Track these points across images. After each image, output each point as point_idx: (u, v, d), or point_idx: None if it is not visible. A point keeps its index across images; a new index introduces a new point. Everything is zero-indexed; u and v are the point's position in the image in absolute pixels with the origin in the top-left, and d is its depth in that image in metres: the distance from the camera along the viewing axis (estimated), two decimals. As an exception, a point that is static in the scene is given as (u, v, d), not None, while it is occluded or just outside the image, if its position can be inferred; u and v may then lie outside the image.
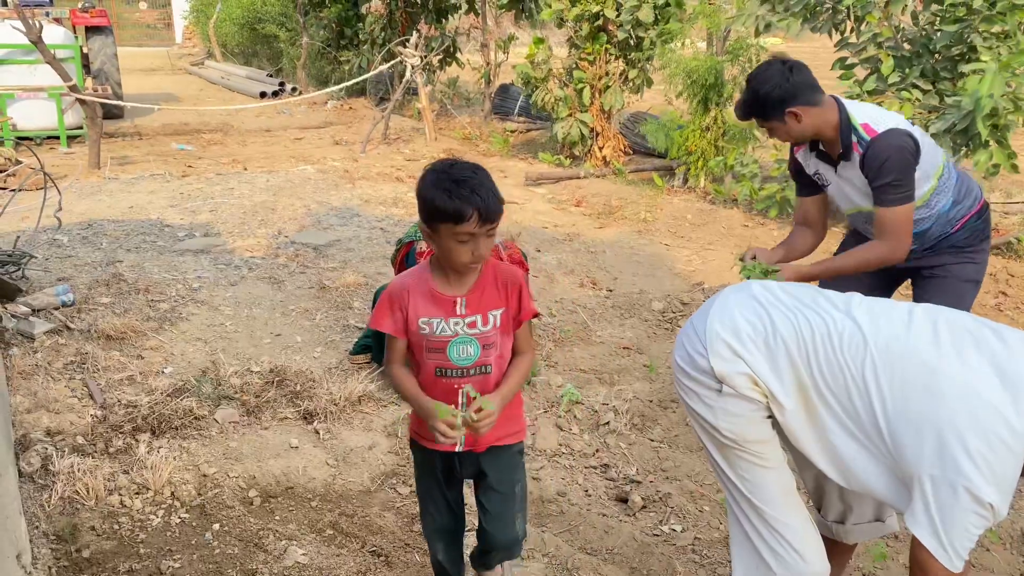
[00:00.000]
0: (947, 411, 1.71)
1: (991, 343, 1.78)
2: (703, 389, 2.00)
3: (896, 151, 2.69)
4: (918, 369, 1.77)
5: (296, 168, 7.93)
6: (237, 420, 3.24)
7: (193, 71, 19.45)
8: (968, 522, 1.69)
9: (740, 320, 1.97)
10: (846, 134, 2.77)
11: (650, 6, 7.76)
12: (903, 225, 2.74)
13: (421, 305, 1.98)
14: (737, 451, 1.99)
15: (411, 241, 3.63)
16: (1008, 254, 5.65)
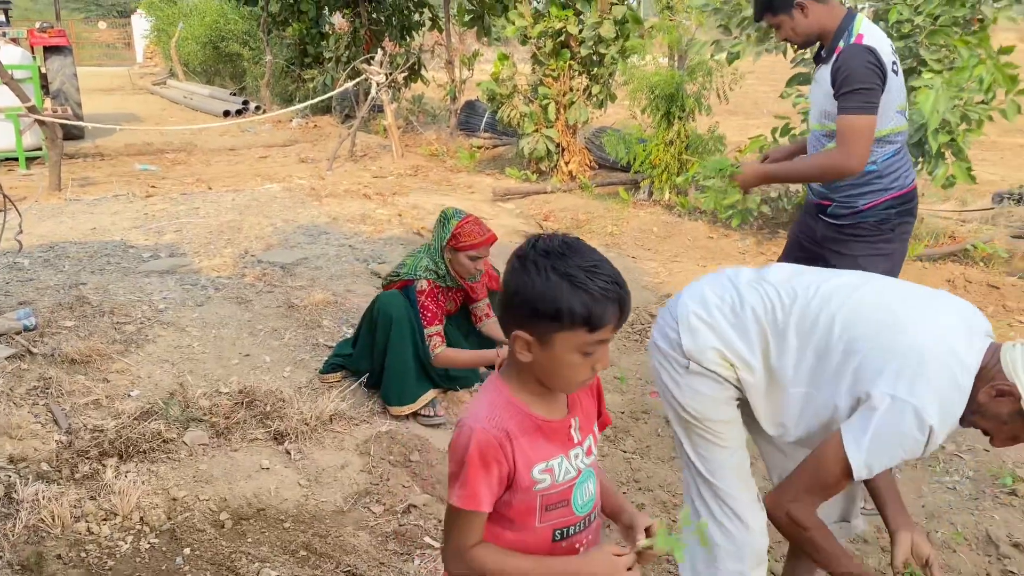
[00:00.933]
0: (907, 343, 1.81)
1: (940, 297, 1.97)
2: (672, 364, 2.10)
3: (865, 63, 2.71)
4: (884, 312, 1.90)
5: (262, 187, 7.88)
6: (206, 442, 3.19)
7: (155, 90, 19.24)
8: (899, 444, 1.78)
9: (708, 293, 2.09)
10: (839, 35, 2.81)
11: (611, 22, 7.86)
12: (861, 135, 2.72)
13: (531, 448, 1.43)
14: (698, 428, 2.09)
15: (411, 279, 3.50)
16: (965, 261, 5.78)
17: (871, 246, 2.93)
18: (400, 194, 7.90)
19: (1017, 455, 3.39)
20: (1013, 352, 1.79)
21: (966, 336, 1.84)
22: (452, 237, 3.40)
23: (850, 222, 2.94)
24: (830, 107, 2.84)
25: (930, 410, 1.75)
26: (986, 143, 12.73)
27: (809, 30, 2.87)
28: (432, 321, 3.42)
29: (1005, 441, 1.87)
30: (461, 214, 3.46)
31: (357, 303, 4.60)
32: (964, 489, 3.19)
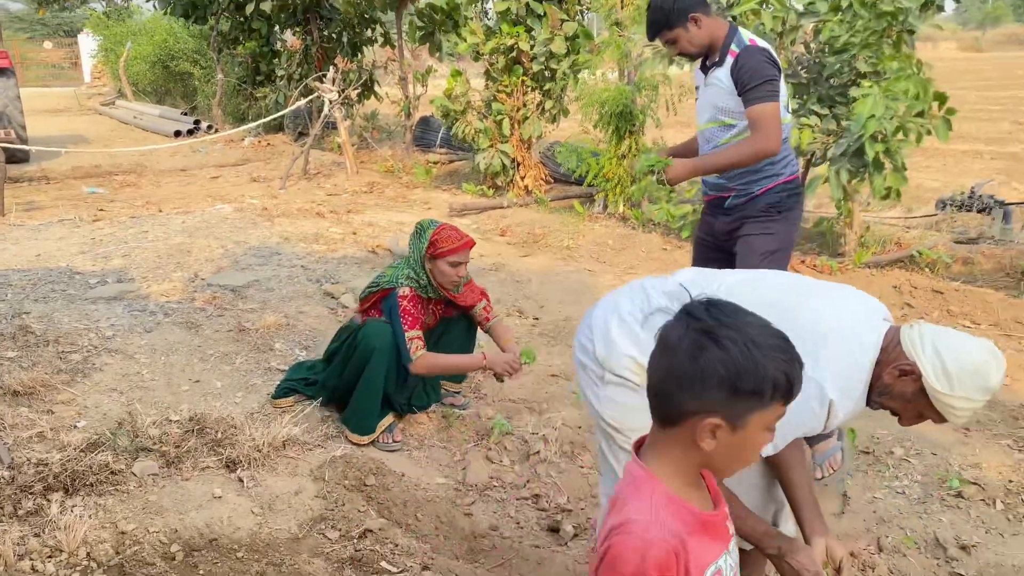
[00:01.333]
0: (809, 324, 1.85)
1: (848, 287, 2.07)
2: (591, 376, 2.12)
3: (764, 59, 3.06)
4: (785, 301, 1.95)
5: (213, 208, 7.78)
6: (156, 472, 3.12)
7: (103, 111, 18.91)
8: (799, 418, 1.80)
9: (622, 302, 2.13)
10: (728, 41, 3.12)
11: (562, 38, 7.93)
12: (773, 120, 3.04)
13: (700, 550, 1.27)
14: (619, 438, 2.08)
15: (391, 287, 3.42)
16: (911, 267, 5.91)
17: (761, 225, 3.23)
18: (355, 212, 7.86)
19: (963, 458, 3.47)
20: (911, 332, 1.85)
21: (866, 317, 1.91)
22: (430, 245, 3.36)
23: (746, 208, 3.23)
24: (728, 104, 3.14)
25: (830, 384, 1.81)
26: (929, 150, 13.08)
27: (703, 41, 3.12)
28: (413, 325, 3.36)
29: (912, 420, 1.93)
30: (436, 223, 3.45)
31: (310, 324, 4.56)
32: (913, 493, 3.25)
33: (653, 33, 3.15)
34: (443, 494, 3.21)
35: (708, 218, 3.45)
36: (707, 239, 3.49)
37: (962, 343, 1.82)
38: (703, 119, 3.27)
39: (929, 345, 1.81)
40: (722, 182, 3.26)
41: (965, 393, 1.79)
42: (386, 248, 6.34)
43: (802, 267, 5.80)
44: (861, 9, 5.14)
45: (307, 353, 4.23)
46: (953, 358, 1.79)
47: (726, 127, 3.20)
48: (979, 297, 5.19)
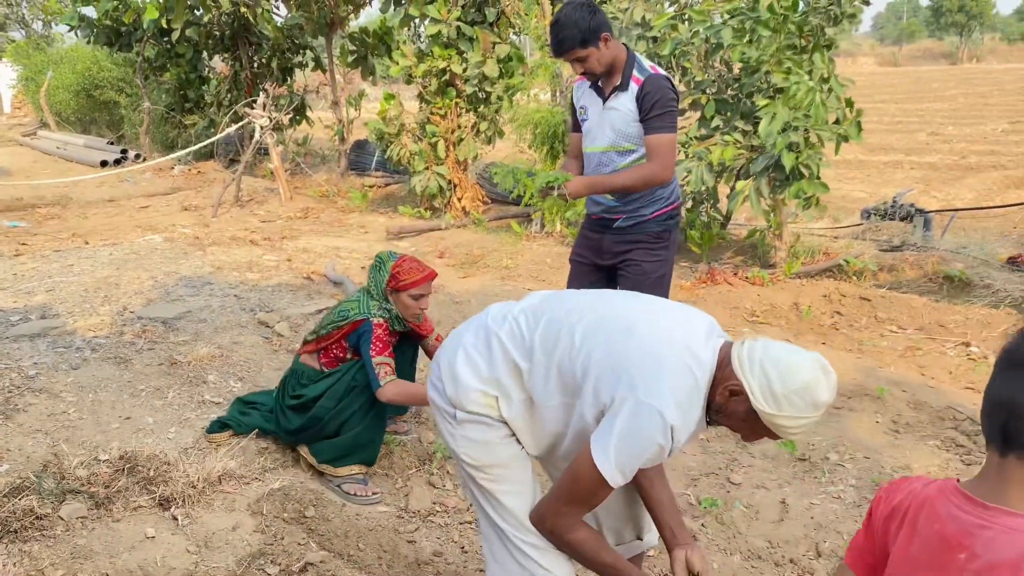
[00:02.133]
0: (645, 345, 1.87)
1: (687, 307, 2.05)
2: (445, 417, 2.11)
3: (669, 89, 3.19)
4: (619, 322, 1.94)
5: (142, 238, 7.58)
6: (85, 515, 3.01)
7: (25, 142, 18.30)
8: (646, 444, 1.81)
9: (465, 337, 2.11)
10: (630, 67, 3.21)
11: (494, 60, 7.99)
12: (670, 149, 3.21)
13: None
14: (479, 475, 2.08)
15: (363, 318, 3.27)
16: (839, 276, 6.09)
17: (652, 252, 3.39)
18: (289, 238, 7.76)
19: (894, 460, 3.57)
20: (741, 350, 1.83)
21: (704, 336, 1.90)
22: (391, 278, 3.28)
23: (636, 232, 3.37)
24: (629, 130, 3.22)
25: (669, 410, 1.79)
26: (853, 162, 13.57)
27: (608, 60, 3.17)
28: (382, 351, 3.23)
29: (750, 437, 1.93)
30: (396, 255, 3.37)
31: (244, 355, 4.46)
32: (848, 497, 3.32)
33: (564, 50, 3.14)
34: (385, 522, 3.16)
35: (592, 235, 3.52)
36: (585, 259, 3.57)
37: (790, 360, 1.78)
38: (599, 142, 3.30)
39: (757, 364, 1.78)
40: (615, 204, 3.36)
41: (794, 412, 1.77)
42: (322, 274, 6.26)
43: (735, 279, 5.93)
44: (764, 30, 5.30)
45: (242, 384, 4.14)
46: (779, 377, 1.76)
47: (625, 152, 3.27)
48: (904, 303, 5.37)
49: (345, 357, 3.34)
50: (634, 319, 1.94)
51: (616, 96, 3.23)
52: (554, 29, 3.15)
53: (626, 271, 3.42)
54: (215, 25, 11.90)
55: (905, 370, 4.59)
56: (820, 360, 1.81)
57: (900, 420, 3.96)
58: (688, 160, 5.62)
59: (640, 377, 1.82)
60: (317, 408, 3.29)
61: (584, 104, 3.35)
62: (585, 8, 3.10)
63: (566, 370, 1.94)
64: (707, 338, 1.90)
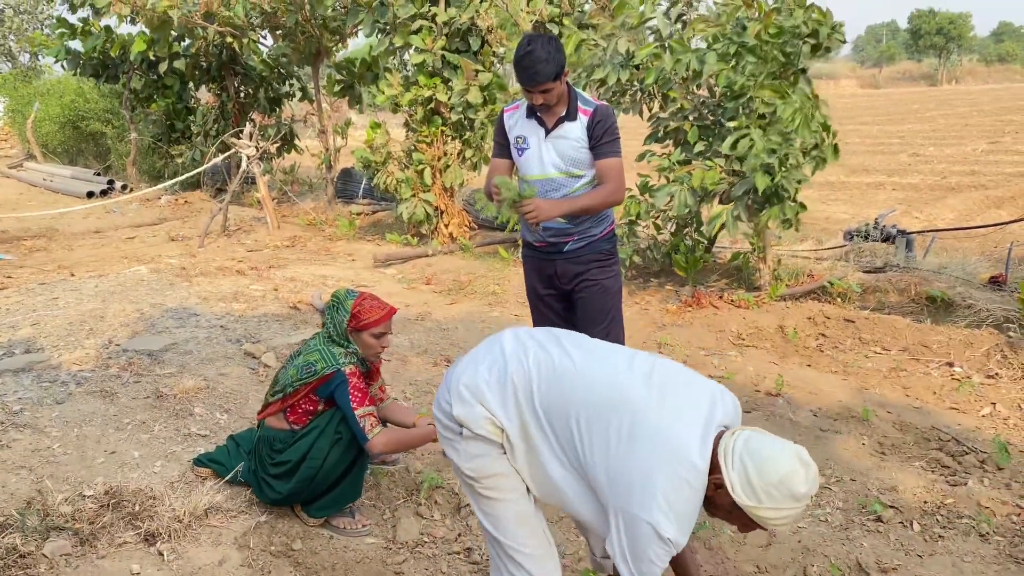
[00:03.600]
0: (642, 454, 1.90)
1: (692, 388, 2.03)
2: (450, 434, 2.22)
3: (615, 119, 3.44)
4: (624, 417, 1.97)
5: (128, 269, 7.56)
6: (69, 552, 2.98)
7: (11, 174, 18.25)
8: (652, 553, 1.87)
9: (480, 367, 2.19)
10: (574, 99, 3.40)
11: (477, 88, 8.06)
12: (621, 172, 3.42)
13: None
14: (477, 487, 2.21)
15: (333, 371, 3.11)
16: (824, 298, 6.13)
17: (608, 269, 3.60)
18: (277, 267, 7.75)
19: (880, 482, 3.59)
20: (727, 443, 1.88)
21: (701, 434, 1.91)
22: (352, 317, 3.16)
23: (588, 252, 3.54)
24: (579, 156, 3.41)
25: (664, 523, 1.83)
26: (836, 184, 13.70)
27: (562, 92, 3.34)
28: (363, 402, 3.10)
29: (743, 529, 1.96)
30: (354, 294, 3.24)
31: (231, 387, 4.44)
32: (835, 520, 3.33)
33: (539, 81, 3.23)
34: (373, 554, 3.15)
35: (543, 265, 3.65)
36: (543, 291, 3.72)
37: (768, 453, 1.82)
38: (545, 169, 3.43)
39: (737, 457, 1.83)
40: (567, 227, 3.50)
41: (773, 504, 1.80)
42: (308, 303, 6.26)
43: (721, 303, 5.96)
44: (749, 55, 5.40)
45: (228, 417, 4.12)
46: (756, 470, 1.80)
47: (575, 177, 3.43)
48: (888, 324, 5.42)
49: (316, 410, 3.20)
50: (638, 418, 1.95)
51: (562, 125, 3.39)
52: (529, 60, 3.22)
53: (586, 291, 3.59)
54: (202, 56, 11.96)
55: (890, 391, 4.62)
56: (799, 452, 1.84)
57: (886, 442, 3.98)
58: (671, 184, 5.68)
59: (636, 492, 1.88)
60: (304, 470, 3.14)
61: (522, 134, 3.47)
62: (556, 43, 3.26)
63: (568, 450, 2.04)
64: (704, 435, 1.90)
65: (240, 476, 3.42)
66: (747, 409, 4.44)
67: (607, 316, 3.62)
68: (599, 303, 3.59)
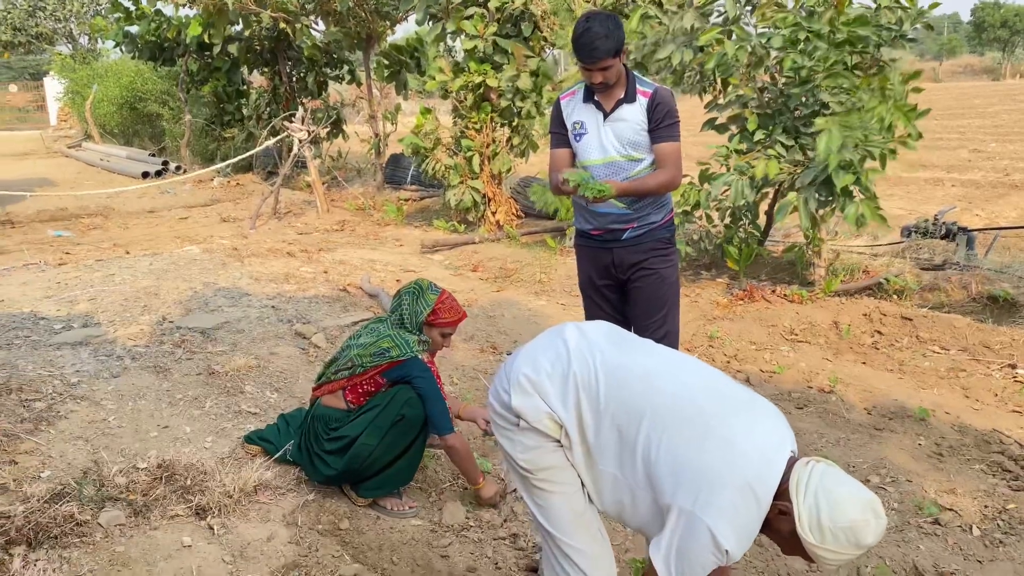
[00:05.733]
0: (714, 461, 1.85)
1: (763, 409, 1.99)
2: (507, 424, 2.18)
3: (676, 115, 3.37)
4: (696, 423, 1.92)
5: (181, 249, 7.69)
6: (123, 522, 3.04)
7: (70, 154, 18.73)
8: (703, 559, 1.82)
9: (542, 359, 2.15)
10: (632, 81, 3.34)
11: (527, 74, 8.01)
12: (679, 156, 3.38)
13: None
14: (531, 479, 2.17)
15: (407, 357, 3.16)
16: (880, 294, 5.98)
17: (666, 258, 3.53)
18: (326, 250, 7.82)
19: (938, 484, 3.48)
20: (802, 472, 1.82)
21: (774, 452, 1.86)
22: (433, 313, 3.23)
23: (648, 239, 3.48)
24: (639, 139, 3.35)
25: (725, 531, 1.78)
26: (892, 179, 13.35)
27: (620, 74, 3.28)
28: (443, 395, 3.23)
29: (787, 552, 1.91)
30: (437, 289, 3.31)
31: (281, 366, 4.49)
32: (890, 521, 3.24)
33: (598, 57, 3.17)
34: (419, 536, 3.16)
35: (599, 254, 3.57)
36: (598, 282, 3.64)
37: (845, 495, 1.77)
38: (607, 153, 3.38)
39: (812, 492, 1.78)
40: (627, 213, 3.44)
41: (836, 546, 1.76)
42: (358, 287, 6.30)
43: (773, 296, 5.85)
44: (818, 41, 5.25)
45: (278, 395, 4.16)
46: (829, 510, 1.75)
47: (634, 161, 3.38)
48: (947, 323, 5.26)
49: (376, 391, 3.25)
50: (709, 422, 1.91)
51: (621, 108, 3.33)
52: (587, 37, 3.17)
53: (643, 280, 3.51)
54: (255, 40, 12.10)
55: (948, 392, 4.49)
56: (875, 504, 1.79)
57: (943, 443, 3.87)
58: (729, 173, 5.56)
59: (703, 495, 1.82)
60: (358, 447, 3.16)
61: (580, 119, 3.41)
62: (615, 20, 3.19)
63: (631, 452, 1.98)
64: (776, 458, 1.86)
65: (289, 455, 3.45)
66: (799, 405, 4.35)
67: (663, 306, 3.55)
68: (656, 292, 3.52)
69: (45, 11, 26.53)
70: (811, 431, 4.00)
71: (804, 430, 4.00)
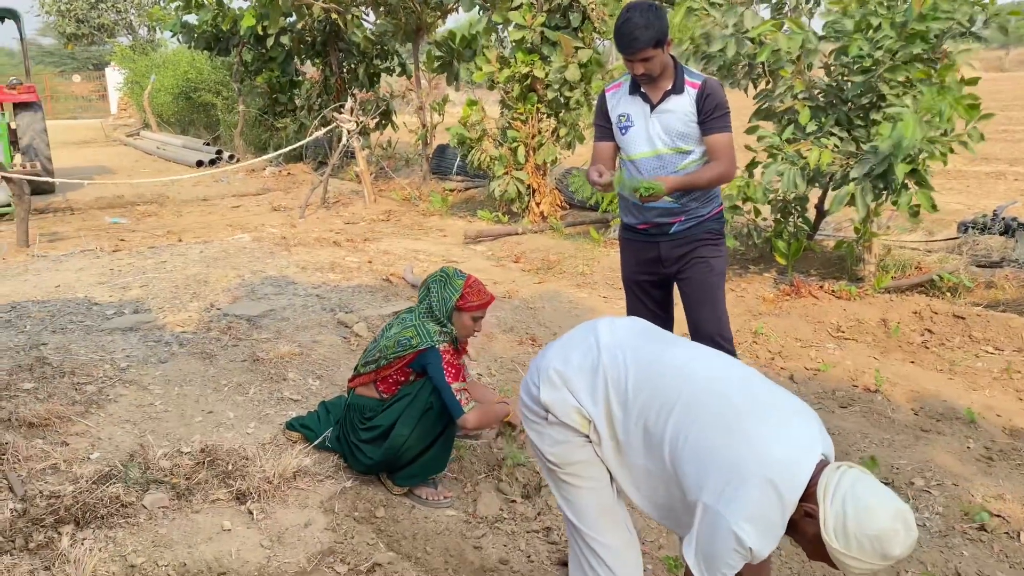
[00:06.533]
0: (739, 456, 1.82)
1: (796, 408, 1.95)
2: (535, 418, 2.19)
3: (724, 93, 3.28)
4: (725, 418, 1.90)
5: (232, 237, 7.85)
6: (167, 505, 3.12)
7: (128, 142, 19.25)
8: (728, 557, 1.80)
9: (572, 353, 2.16)
10: (680, 72, 3.27)
11: (576, 66, 7.96)
12: (732, 148, 3.29)
13: None
14: (559, 473, 2.18)
15: (427, 347, 3.19)
16: (932, 292, 5.82)
17: (715, 248, 3.43)
18: (371, 240, 7.90)
19: (986, 489, 3.38)
20: (831, 476, 1.78)
21: (805, 456, 1.82)
22: (462, 297, 3.25)
23: (697, 231, 3.40)
24: (688, 130, 3.27)
25: (748, 530, 1.75)
26: (952, 172, 12.96)
27: (664, 65, 3.21)
28: (457, 377, 3.20)
29: (813, 557, 1.87)
30: (463, 275, 3.33)
31: (323, 354, 4.55)
32: (934, 526, 3.17)
33: (637, 48, 3.11)
34: (453, 526, 3.18)
35: (645, 247, 3.49)
36: (644, 277, 3.56)
37: (875, 504, 1.72)
38: (654, 146, 3.31)
39: (840, 496, 1.74)
40: (675, 206, 3.35)
41: (861, 555, 1.71)
42: (400, 277, 6.35)
43: (820, 292, 5.74)
44: (889, 29, 5.10)
45: (320, 383, 4.23)
46: (856, 517, 1.71)
47: (683, 153, 3.30)
48: (1002, 322, 5.10)
49: (406, 381, 3.29)
50: (737, 418, 1.89)
51: (669, 99, 3.26)
52: (627, 27, 3.12)
53: (691, 271, 3.42)
54: (308, 31, 12.25)
55: (1001, 394, 4.35)
56: (906, 514, 1.74)
57: (993, 447, 3.75)
58: (779, 163, 5.44)
59: (727, 491, 1.81)
60: (394, 436, 3.20)
61: (625, 111, 3.34)
62: (658, 9, 3.12)
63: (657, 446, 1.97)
64: (807, 458, 1.82)
65: (328, 442, 3.51)
66: (843, 404, 4.26)
67: (713, 296, 3.43)
68: (706, 280, 3.40)
69: (107, 3, 27.23)
70: (855, 431, 3.92)
71: (847, 430, 3.92)
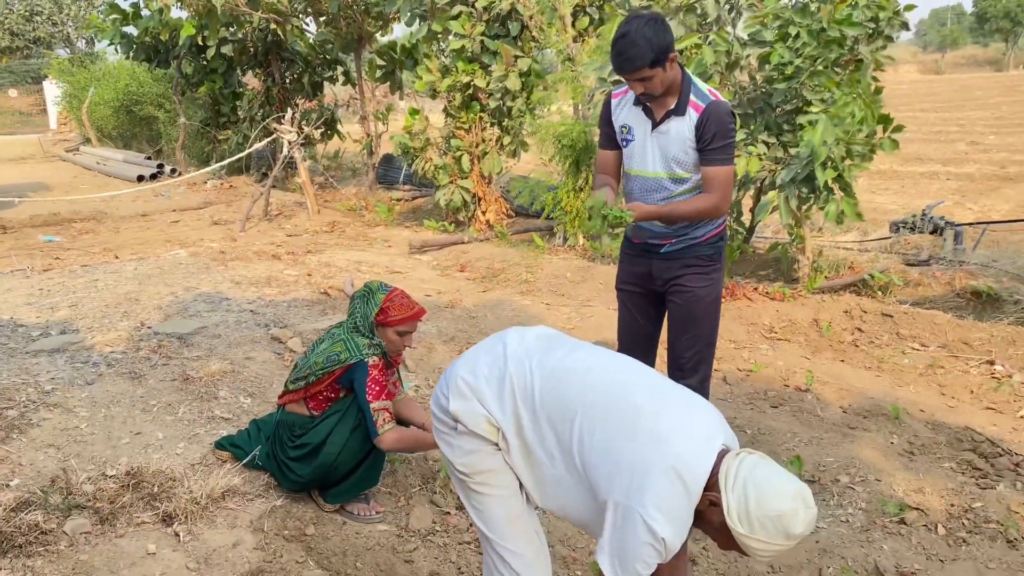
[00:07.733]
0: (643, 452, 1.87)
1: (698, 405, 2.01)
2: (445, 428, 2.20)
3: (730, 120, 2.97)
4: (627, 417, 1.94)
5: (168, 253, 7.71)
6: (89, 530, 3.05)
7: (67, 157, 18.78)
8: (643, 552, 1.83)
9: (480, 361, 2.17)
10: (687, 91, 2.96)
11: (516, 75, 8.00)
12: (729, 182, 3.02)
13: None
14: (469, 482, 2.19)
15: (357, 360, 3.13)
16: (864, 291, 5.96)
17: (704, 276, 3.18)
18: (313, 252, 7.83)
19: (907, 483, 3.47)
20: (731, 464, 1.83)
21: (703, 441, 1.88)
22: (380, 311, 3.17)
23: (687, 255, 3.16)
24: (684, 157, 3.00)
25: (657, 518, 1.79)
26: (887, 173, 13.32)
27: (668, 82, 2.91)
28: (379, 396, 3.11)
29: (724, 547, 1.91)
30: (387, 288, 3.24)
31: (256, 371, 4.49)
32: (856, 521, 3.24)
33: (631, 68, 2.83)
34: (385, 541, 3.16)
35: (639, 261, 3.29)
36: (634, 287, 3.35)
37: (773, 485, 1.78)
38: (650, 167, 3.08)
39: (740, 482, 1.79)
40: (666, 231, 3.14)
41: (765, 536, 1.76)
42: (339, 289, 6.30)
43: (755, 294, 5.84)
44: (808, 37, 5.24)
45: (251, 400, 4.17)
46: (757, 500, 1.76)
47: (678, 180, 3.05)
48: (927, 319, 5.24)
49: (337, 397, 3.22)
50: (640, 416, 1.93)
51: (670, 120, 2.98)
52: (622, 43, 2.81)
53: (677, 297, 3.20)
54: (249, 41, 12.12)
55: (925, 389, 4.47)
56: (804, 493, 1.79)
57: (916, 441, 3.85)
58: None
59: (634, 486, 1.84)
60: (323, 455, 3.15)
61: (628, 124, 3.09)
62: (657, 24, 2.81)
63: (566, 450, 2.00)
64: (706, 449, 1.87)
65: (257, 460, 3.46)
66: (774, 404, 4.34)
67: (696, 328, 3.22)
68: (690, 312, 3.20)
69: (42, 15, 26.60)
70: (784, 430, 3.99)
71: (777, 429, 3.99)
